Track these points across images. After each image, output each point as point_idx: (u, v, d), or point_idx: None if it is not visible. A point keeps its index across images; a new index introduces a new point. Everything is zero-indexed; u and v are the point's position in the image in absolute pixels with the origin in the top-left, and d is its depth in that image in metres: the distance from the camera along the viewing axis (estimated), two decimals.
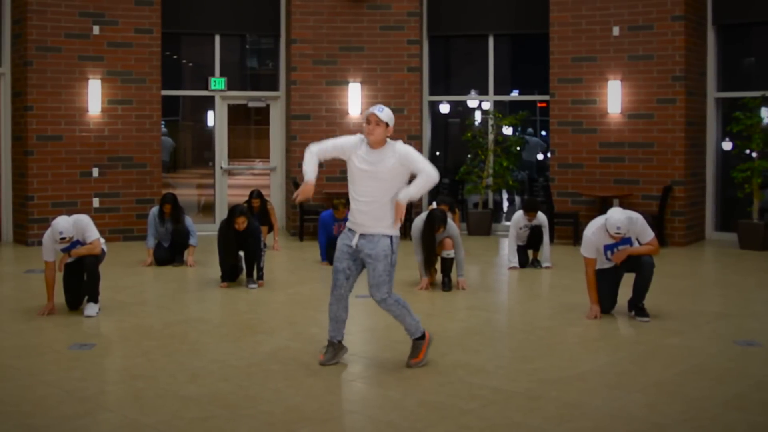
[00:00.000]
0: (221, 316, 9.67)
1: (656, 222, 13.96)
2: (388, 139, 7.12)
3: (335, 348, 7.41)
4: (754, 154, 14.44)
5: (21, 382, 6.80)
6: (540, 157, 18.48)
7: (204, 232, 14.30)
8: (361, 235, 7.12)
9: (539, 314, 9.48)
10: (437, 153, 17.48)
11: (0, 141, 14.94)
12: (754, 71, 16.02)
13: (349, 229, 7.23)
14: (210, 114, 16.86)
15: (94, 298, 9.25)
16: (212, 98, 16.62)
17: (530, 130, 18.16)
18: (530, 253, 12.51)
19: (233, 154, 16.96)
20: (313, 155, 7.26)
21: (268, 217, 13.80)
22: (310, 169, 7.17)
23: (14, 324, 8.81)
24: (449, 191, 16.82)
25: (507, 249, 12.54)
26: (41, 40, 14.45)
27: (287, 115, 16.43)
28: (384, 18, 15.92)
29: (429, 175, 7.01)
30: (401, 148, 7.08)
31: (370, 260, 7.08)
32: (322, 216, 12.64)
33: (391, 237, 7.10)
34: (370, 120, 7.01)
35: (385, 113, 7.02)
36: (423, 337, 7.37)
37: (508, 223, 13.74)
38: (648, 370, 7.15)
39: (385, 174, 7.02)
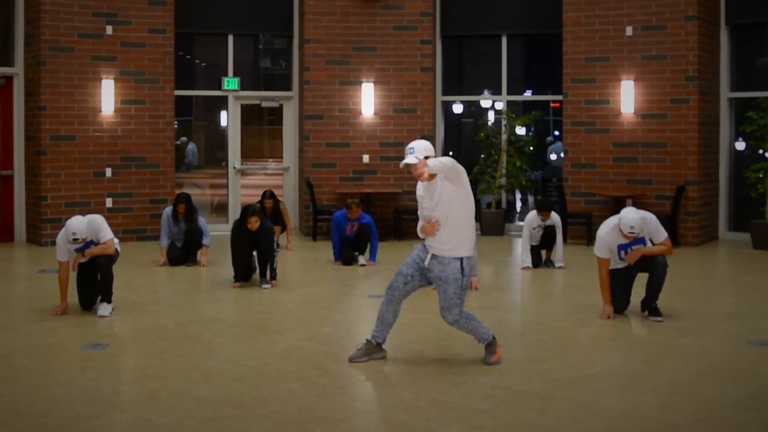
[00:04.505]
0: (234, 316, 9.68)
1: (669, 222, 13.93)
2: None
3: (370, 348, 7.39)
4: (767, 154, 14.41)
5: (34, 382, 6.81)
6: (553, 157, 18.46)
7: (217, 232, 14.31)
8: (433, 256, 7.13)
9: (552, 314, 9.48)
10: (450, 153, 17.45)
11: (13, 141, 14.98)
12: (767, 71, 15.97)
13: (425, 246, 7.23)
14: (223, 114, 16.89)
15: (108, 298, 9.27)
16: (225, 98, 16.65)
17: (553, 135, 18.18)
18: (543, 253, 12.51)
19: (246, 154, 16.98)
20: None
21: (281, 217, 13.78)
22: None
23: (28, 324, 8.84)
24: None
25: (520, 249, 12.55)
26: (54, 40, 14.49)
27: (300, 115, 16.44)
28: (397, 18, 15.91)
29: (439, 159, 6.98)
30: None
31: (441, 283, 7.09)
32: (335, 216, 12.63)
33: (461, 259, 7.07)
34: (411, 171, 6.93)
35: (414, 155, 6.91)
36: (493, 338, 7.38)
37: (521, 223, 13.70)
38: (661, 370, 7.14)
39: (442, 196, 6.98)
